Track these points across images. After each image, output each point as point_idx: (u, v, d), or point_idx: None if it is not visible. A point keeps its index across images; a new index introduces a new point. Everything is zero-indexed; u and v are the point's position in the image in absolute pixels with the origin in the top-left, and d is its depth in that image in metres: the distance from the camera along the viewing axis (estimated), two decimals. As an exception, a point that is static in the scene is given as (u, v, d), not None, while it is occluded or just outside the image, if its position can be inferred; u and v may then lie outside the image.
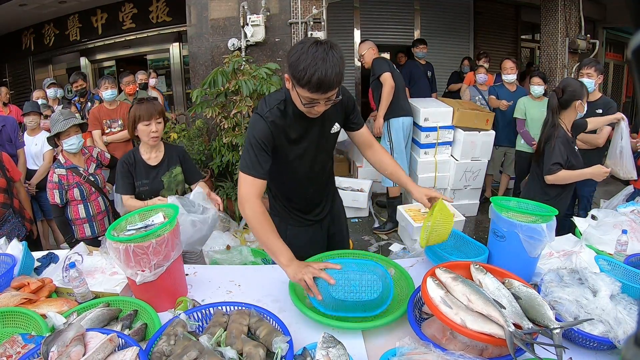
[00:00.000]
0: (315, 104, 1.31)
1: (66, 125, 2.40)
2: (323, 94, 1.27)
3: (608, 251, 1.72)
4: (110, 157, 2.82)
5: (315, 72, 1.21)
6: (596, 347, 1.19)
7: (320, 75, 1.21)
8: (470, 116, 3.96)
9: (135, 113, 2.06)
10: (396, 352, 1.07)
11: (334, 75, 1.23)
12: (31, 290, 1.47)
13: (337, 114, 1.54)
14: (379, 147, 1.70)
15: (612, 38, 7.77)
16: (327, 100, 1.32)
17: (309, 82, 1.23)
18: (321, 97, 1.29)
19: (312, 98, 1.29)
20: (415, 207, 3.57)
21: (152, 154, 2.15)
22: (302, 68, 1.22)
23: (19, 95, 7.02)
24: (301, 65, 1.22)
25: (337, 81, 1.25)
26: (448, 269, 1.26)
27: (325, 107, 1.35)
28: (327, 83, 1.24)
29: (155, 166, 2.15)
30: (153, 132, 2.06)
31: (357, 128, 1.65)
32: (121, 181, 2.10)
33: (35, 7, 6.02)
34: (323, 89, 1.25)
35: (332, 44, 1.26)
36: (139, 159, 2.13)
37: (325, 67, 1.21)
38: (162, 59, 7.19)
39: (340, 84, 1.30)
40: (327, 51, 1.23)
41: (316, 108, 1.33)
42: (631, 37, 0.38)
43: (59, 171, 2.44)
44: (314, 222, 1.78)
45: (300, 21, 4.38)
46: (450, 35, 6.80)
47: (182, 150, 2.29)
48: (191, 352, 1.05)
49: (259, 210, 1.40)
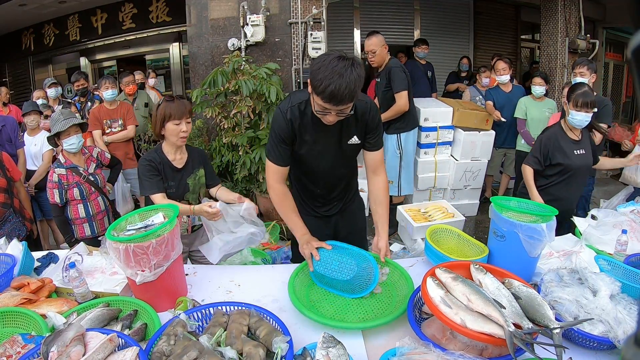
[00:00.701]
0: (327, 113, 1.39)
1: (66, 125, 2.40)
2: (335, 106, 1.35)
3: (608, 251, 1.72)
4: (111, 157, 2.82)
5: (330, 85, 1.29)
6: (596, 347, 1.19)
7: (334, 89, 1.29)
8: (470, 116, 3.96)
9: (164, 111, 1.91)
10: (396, 352, 1.07)
11: (348, 91, 1.30)
12: (31, 290, 1.47)
13: (357, 128, 1.60)
14: (382, 178, 1.73)
15: (612, 38, 7.77)
16: (340, 112, 1.39)
17: (323, 92, 1.31)
18: (333, 108, 1.37)
19: (324, 107, 1.37)
20: (415, 207, 3.57)
21: (177, 155, 2.03)
22: (319, 78, 1.31)
23: (18, 95, 7.01)
24: (320, 75, 1.31)
25: (349, 97, 1.32)
26: (448, 269, 1.27)
27: (337, 117, 1.42)
28: (339, 97, 1.31)
29: (181, 169, 2.03)
30: (183, 132, 1.93)
31: (371, 149, 1.68)
32: (149, 180, 1.91)
33: (35, 7, 6.02)
34: (335, 101, 1.33)
35: (355, 61, 1.34)
36: (164, 160, 1.99)
37: (340, 82, 1.29)
38: (162, 59, 7.19)
39: (353, 100, 1.37)
40: (346, 67, 1.30)
41: (328, 117, 1.41)
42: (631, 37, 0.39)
43: (58, 171, 2.44)
44: (321, 216, 1.86)
45: (300, 21, 4.38)
46: (450, 35, 6.80)
47: (204, 153, 2.20)
48: (191, 352, 1.05)
49: (280, 193, 1.63)
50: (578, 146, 2.37)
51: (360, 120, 1.57)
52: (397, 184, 3.70)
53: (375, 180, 1.73)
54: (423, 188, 4.08)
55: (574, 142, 2.37)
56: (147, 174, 1.91)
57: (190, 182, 2.06)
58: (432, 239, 1.71)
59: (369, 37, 3.41)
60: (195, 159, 2.09)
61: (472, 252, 1.69)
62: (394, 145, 3.61)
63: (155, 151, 2.00)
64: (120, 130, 3.64)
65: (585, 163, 2.37)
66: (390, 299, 1.45)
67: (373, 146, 1.67)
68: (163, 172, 1.97)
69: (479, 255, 1.60)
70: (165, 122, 1.91)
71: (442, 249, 1.64)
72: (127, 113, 3.69)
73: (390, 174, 3.64)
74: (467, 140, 3.95)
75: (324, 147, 1.60)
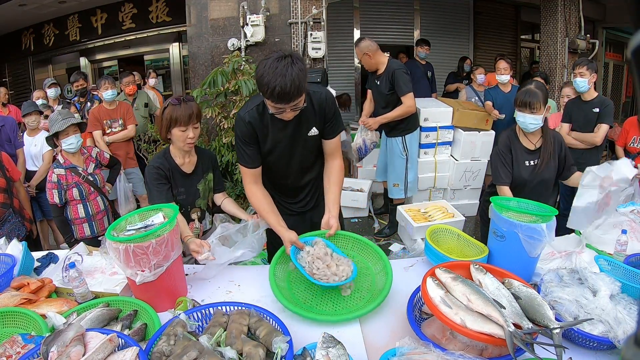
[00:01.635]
0: (283, 111, 1.47)
1: (64, 125, 2.40)
2: (286, 104, 1.43)
3: (608, 251, 1.72)
4: (110, 157, 2.82)
5: (275, 87, 1.36)
6: (596, 347, 1.19)
7: (280, 90, 1.37)
8: (470, 116, 3.96)
9: (171, 115, 1.77)
10: (396, 352, 1.07)
11: (293, 87, 1.38)
12: (31, 291, 1.47)
13: (315, 120, 1.66)
14: (337, 162, 1.79)
15: (612, 38, 7.77)
16: (294, 107, 1.46)
17: (272, 95, 1.39)
18: (286, 106, 1.44)
19: (278, 107, 1.45)
20: (415, 207, 3.57)
21: (186, 159, 1.92)
22: (265, 83, 1.39)
23: (18, 96, 7.02)
24: (264, 80, 1.39)
25: (297, 92, 1.40)
26: (448, 269, 1.26)
27: (294, 113, 1.50)
28: (288, 95, 1.38)
29: (190, 174, 1.94)
30: (190, 139, 1.81)
31: (329, 137, 1.74)
32: (157, 189, 1.81)
33: (35, 7, 6.02)
34: (285, 100, 1.41)
35: (294, 57, 1.41)
36: (173, 165, 1.88)
37: (284, 81, 1.36)
38: (162, 59, 7.19)
39: (302, 94, 1.44)
40: (287, 66, 1.37)
41: (285, 114, 1.49)
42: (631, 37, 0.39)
43: (58, 171, 2.44)
44: (296, 212, 1.91)
45: (300, 21, 4.39)
46: (450, 35, 6.80)
47: (214, 156, 2.10)
48: (191, 352, 1.05)
49: (257, 194, 1.71)
50: (531, 156, 2.03)
51: (318, 111, 1.64)
52: (403, 187, 3.63)
53: (332, 163, 1.80)
54: (423, 188, 4.08)
55: (526, 150, 2.03)
56: (154, 182, 1.82)
57: (201, 187, 1.97)
58: (432, 239, 1.71)
59: (356, 44, 3.39)
60: (205, 162, 1.99)
61: (472, 252, 1.69)
62: (400, 148, 3.53)
63: (164, 156, 1.89)
64: (120, 130, 3.65)
65: (538, 177, 1.99)
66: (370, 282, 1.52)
67: (330, 134, 1.73)
68: (172, 179, 1.88)
69: (479, 255, 1.60)
70: (172, 127, 1.79)
71: (442, 249, 1.64)
72: (127, 113, 3.70)
73: (397, 177, 3.61)
74: (467, 140, 3.96)
75: (286, 141, 1.68)
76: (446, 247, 1.74)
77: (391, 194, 3.71)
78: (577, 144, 3.13)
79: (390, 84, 3.27)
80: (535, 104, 1.88)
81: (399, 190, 3.64)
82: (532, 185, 2.05)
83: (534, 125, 1.94)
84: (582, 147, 3.11)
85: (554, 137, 2.03)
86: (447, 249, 1.71)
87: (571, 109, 3.19)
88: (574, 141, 3.14)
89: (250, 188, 1.72)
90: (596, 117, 3.01)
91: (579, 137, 3.10)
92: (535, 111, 1.89)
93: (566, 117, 3.21)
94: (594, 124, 3.02)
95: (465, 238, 1.76)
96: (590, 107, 3.04)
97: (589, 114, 3.05)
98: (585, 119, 3.07)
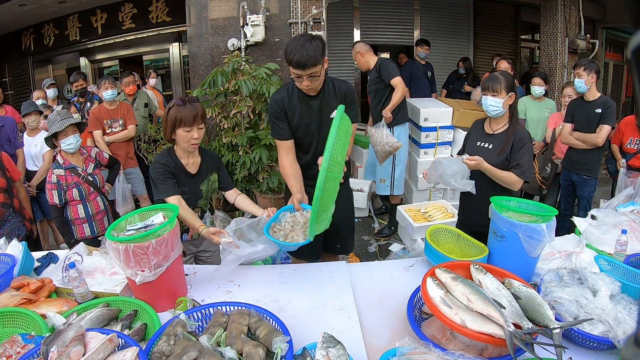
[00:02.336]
0: (301, 78, 1.76)
1: (63, 125, 2.39)
2: (303, 71, 1.72)
3: (608, 251, 1.72)
4: (109, 157, 2.82)
5: (295, 55, 1.69)
6: (596, 347, 1.19)
7: (299, 57, 1.69)
8: (470, 116, 3.96)
9: (175, 116, 1.78)
10: (396, 352, 1.07)
11: (308, 57, 1.69)
12: (31, 291, 1.47)
13: (336, 102, 1.89)
14: None
15: (612, 38, 7.77)
16: (309, 76, 1.75)
17: (291, 61, 1.72)
18: (302, 73, 1.73)
19: (296, 73, 1.75)
20: (415, 207, 3.57)
21: (190, 160, 1.94)
22: (288, 52, 1.73)
23: (18, 96, 7.01)
24: (288, 50, 1.73)
25: (312, 62, 1.70)
26: (448, 269, 1.27)
27: (309, 82, 1.77)
28: (303, 63, 1.70)
29: (194, 174, 1.96)
30: (194, 139, 1.82)
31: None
32: (164, 183, 1.81)
33: (35, 7, 6.02)
34: (301, 67, 1.71)
35: (316, 36, 1.75)
36: (179, 164, 1.90)
37: (302, 51, 1.68)
38: (162, 59, 7.19)
39: (316, 65, 1.72)
40: (306, 40, 1.71)
41: (303, 82, 1.77)
42: (631, 37, 0.38)
43: (57, 172, 2.44)
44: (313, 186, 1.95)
45: (300, 21, 4.38)
46: (450, 35, 6.79)
47: (217, 157, 2.11)
48: (191, 352, 1.05)
49: (285, 162, 1.95)
50: (486, 139, 2.06)
51: (340, 97, 1.92)
52: (389, 183, 3.60)
53: None
54: (423, 188, 4.07)
55: (484, 133, 2.09)
56: (161, 177, 1.82)
57: (204, 188, 1.99)
58: (432, 239, 1.71)
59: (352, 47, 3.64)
60: (208, 163, 2.01)
61: (472, 252, 1.69)
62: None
63: (169, 154, 1.91)
64: (121, 130, 3.65)
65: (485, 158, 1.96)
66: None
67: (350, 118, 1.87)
68: (178, 177, 1.89)
69: (479, 255, 1.60)
70: (176, 128, 1.80)
71: (442, 249, 1.64)
72: (127, 113, 3.70)
73: (384, 172, 3.58)
74: (467, 140, 3.95)
75: (311, 120, 1.93)
76: (446, 247, 1.74)
77: (378, 190, 3.69)
78: (578, 144, 3.13)
79: (377, 72, 3.48)
80: (496, 87, 1.95)
81: (384, 186, 3.60)
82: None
83: (494, 108, 1.97)
84: (584, 147, 3.11)
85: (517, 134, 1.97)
86: (447, 249, 1.71)
87: (574, 109, 3.19)
88: (575, 141, 3.13)
89: (282, 159, 1.96)
90: (598, 118, 3.01)
91: (581, 137, 3.10)
92: (497, 94, 1.95)
93: (568, 117, 3.20)
94: (596, 125, 3.02)
95: (465, 238, 1.76)
96: (593, 108, 3.04)
97: (591, 114, 3.04)
98: (587, 119, 3.07)
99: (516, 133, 1.97)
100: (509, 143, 1.96)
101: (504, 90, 1.94)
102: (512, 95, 1.96)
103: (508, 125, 2.01)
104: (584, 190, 3.21)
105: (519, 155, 1.93)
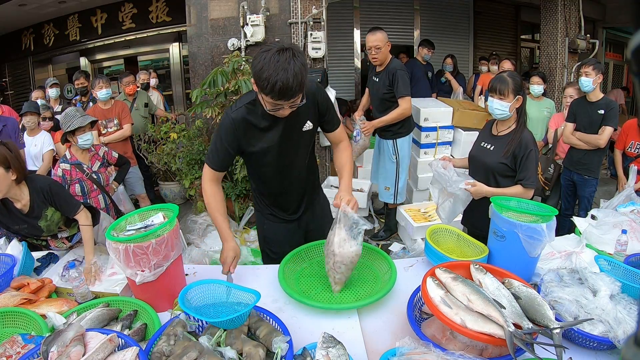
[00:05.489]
0: (280, 108, 1.37)
1: (85, 121, 2.49)
2: (287, 101, 1.33)
3: (608, 251, 1.72)
4: (118, 156, 2.85)
5: (277, 82, 1.26)
6: (596, 347, 1.19)
7: (282, 85, 1.26)
8: (470, 116, 3.96)
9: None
10: (396, 352, 1.07)
11: (296, 83, 1.28)
12: (31, 291, 1.47)
13: (309, 114, 1.57)
14: (344, 145, 1.76)
15: (612, 38, 7.77)
16: (292, 104, 1.37)
17: (272, 90, 1.28)
18: (285, 103, 1.35)
19: (276, 104, 1.34)
20: (415, 207, 3.57)
21: (18, 203, 1.81)
22: (265, 77, 1.27)
23: (18, 96, 7.02)
24: (264, 74, 1.27)
25: (299, 88, 1.31)
26: (448, 269, 1.26)
27: (290, 110, 1.40)
28: (290, 91, 1.29)
29: (26, 213, 1.83)
30: None
31: (329, 129, 1.70)
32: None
33: (35, 7, 6.02)
34: (287, 97, 1.31)
35: (295, 51, 1.30)
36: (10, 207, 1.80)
37: (287, 76, 1.25)
38: (162, 59, 7.19)
39: (303, 90, 1.35)
40: (289, 60, 1.26)
41: (281, 112, 1.39)
42: (631, 37, 0.38)
43: (63, 165, 2.52)
44: (290, 220, 1.83)
45: (300, 21, 4.38)
46: (450, 35, 6.79)
47: (47, 188, 1.85)
48: (191, 353, 1.05)
49: (210, 194, 1.61)
50: (489, 140, 2.03)
51: (312, 104, 1.54)
52: (393, 191, 3.56)
53: (338, 148, 1.76)
54: (423, 188, 4.07)
55: (489, 135, 2.06)
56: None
57: (43, 224, 1.87)
58: (432, 239, 1.71)
59: (373, 33, 3.16)
60: (38, 199, 1.83)
61: (472, 252, 1.69)
62: (390, 151, 3.47)
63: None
64: (116, 130, 3.64)
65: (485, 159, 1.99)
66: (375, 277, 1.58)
67: (331, 126, 1.68)
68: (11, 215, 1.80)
69: (479, 255, 1.60)
70: None
71: (442, 249, 1.64)
72: (122, 112, 3.68)
73: (387, 180, 3.59)
74: (467, 140, 3.95)
75: (280, 140, 1.55)
76: (446, 247, 1.74)
77: (381, 196, 3.66)
78: (580, 145, 3.12)
79: (389, 81, 3.22)
80: (504, 90, 1.89)
81: (389, 194, 3.57)
82: (477, 164, 2.06)
83: (500, 111, 1.92)
84: (586, 147, 3.10)
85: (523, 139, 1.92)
86: (447, 249, 1.71)
87: (576, 109, 3.17)
88: (577, 141, 3.13)
89: (208, 186, 1.62)
90: (601, 119, 2.99)
91: (583, 137, 3.10)
92: (504, 97, 1.90)
93: (571, 117, 3.19)
94: (599, 126, 3.00)
95: (465, 238, 1.76)
96: (596, 109, 3.02)
97: (593, 115, 3.03)
98: (589, 120, 3.06)
99: (521, 138, 1.91)
100: (511, 147, 1.91)
101: (511, 94, 1.89)
102: (520, 98, 1.90)
103: (514, 128, 1.96)
104: (584, 190, 3.20)
105: (527, 165, 1.86)
